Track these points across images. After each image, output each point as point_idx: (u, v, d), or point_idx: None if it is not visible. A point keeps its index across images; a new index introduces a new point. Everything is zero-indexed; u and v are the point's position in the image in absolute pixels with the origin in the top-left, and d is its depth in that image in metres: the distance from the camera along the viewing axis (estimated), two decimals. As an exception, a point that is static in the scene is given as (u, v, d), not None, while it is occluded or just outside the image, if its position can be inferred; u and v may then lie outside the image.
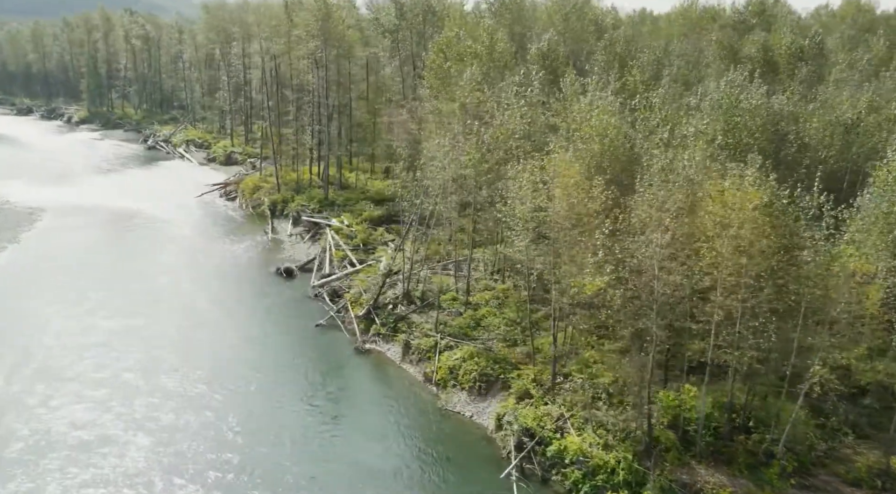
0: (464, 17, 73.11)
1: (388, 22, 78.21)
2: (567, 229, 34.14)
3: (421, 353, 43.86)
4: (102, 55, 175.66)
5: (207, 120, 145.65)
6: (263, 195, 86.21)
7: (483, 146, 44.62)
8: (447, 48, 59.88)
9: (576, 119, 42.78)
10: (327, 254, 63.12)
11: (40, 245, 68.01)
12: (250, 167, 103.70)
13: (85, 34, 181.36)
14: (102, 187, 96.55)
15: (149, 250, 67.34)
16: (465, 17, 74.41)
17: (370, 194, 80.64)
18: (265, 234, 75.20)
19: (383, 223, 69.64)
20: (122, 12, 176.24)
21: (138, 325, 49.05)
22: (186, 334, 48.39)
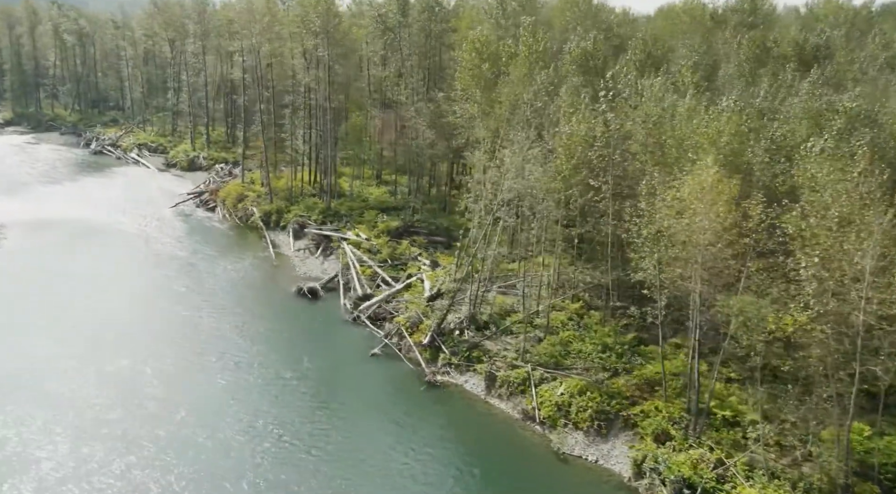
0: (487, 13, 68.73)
1: (390, 19, 73.08)
2: (714, 252, 30.74)
3: (511, 386, 39.68)
4: (28, 51, 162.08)
5: (157, 121, 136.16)
6: (251, 205, 79.79)
7: (572, 158, 40.70)
8: (483, 47, 55.56)
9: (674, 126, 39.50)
10: (353, 272, 57.92)
11: (18, 269, 59.98)
12: (226, 174, 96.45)
13: (5, 28, 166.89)
14: (60, 198, 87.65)
15: (146, 272, 60.43)
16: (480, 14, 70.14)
17: (371, 203, 75.59)
18: (266, 249, 69.06)
19: (402, 235, 64.78)
20: (48, 5, 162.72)
21: (174, 370, 42.85)
22: (233, 377, 42.42)
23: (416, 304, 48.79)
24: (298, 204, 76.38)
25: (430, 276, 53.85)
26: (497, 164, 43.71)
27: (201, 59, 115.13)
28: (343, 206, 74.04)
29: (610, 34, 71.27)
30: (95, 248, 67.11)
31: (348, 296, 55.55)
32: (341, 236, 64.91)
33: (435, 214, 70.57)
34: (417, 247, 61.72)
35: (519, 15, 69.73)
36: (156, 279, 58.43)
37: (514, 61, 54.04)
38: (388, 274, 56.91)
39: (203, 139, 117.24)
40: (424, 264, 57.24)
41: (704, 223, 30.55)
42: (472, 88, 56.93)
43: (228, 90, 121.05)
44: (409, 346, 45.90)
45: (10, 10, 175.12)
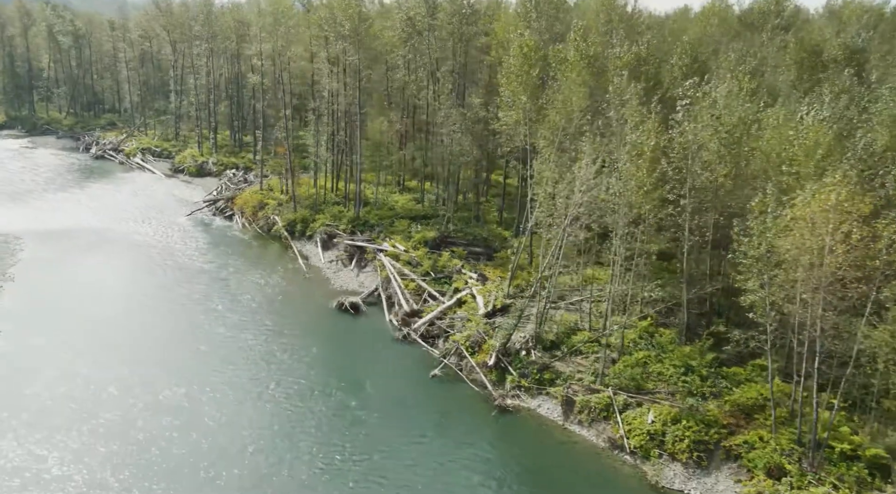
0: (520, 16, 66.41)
1: (419, 21, 70.69)
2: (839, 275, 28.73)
3: (593, 412, 37.52)
4: (21, 53, 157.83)
5: (158, 125, 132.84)
6: (273, 214, 77.12)
7: (653, 171, 38.58)
8: (532, 52, 53.35)
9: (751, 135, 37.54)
10: (395, 285, 55.53)
11: (41, 284, 57.02)
12: (241, 180, 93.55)
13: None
14: (70, 205, 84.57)
15: (178, 288, 57.54)
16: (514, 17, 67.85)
17: (398, 211, 73.22)
18: (294, 260, 66.47)
19: (440, 246, 62.41)
20: (42, 5, 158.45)
21: (233, 399, 40.27)
22: (297, 406, 39.68)
23: (475, 321, 46.45)
24: (323, 213, 73.86)
25: (482, 291, 51.59)
26: (568, 176, 41.45)
27: (207, 61, 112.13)
28: (371, 214, 71.59)
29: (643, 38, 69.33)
30: (117, 260, 64.28)
31: (393, 311, 53.22)
32: (377, 247, 62.42)
33: (468, 223, 68.32)
34: (458, 259, 59.33)
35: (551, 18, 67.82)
36: (190, 296, 55.66)
37: (565, 66, 51.89)
38: (433, 288, 54.54)
39: (209, 144, 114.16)
40: (471, 278, 54.93)
41: (829, 243, 28.55)
42: (518, 94, 54.69)
43: (234, 93, 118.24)
44: (472, 367, 43.61)
45: (1, 9, 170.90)
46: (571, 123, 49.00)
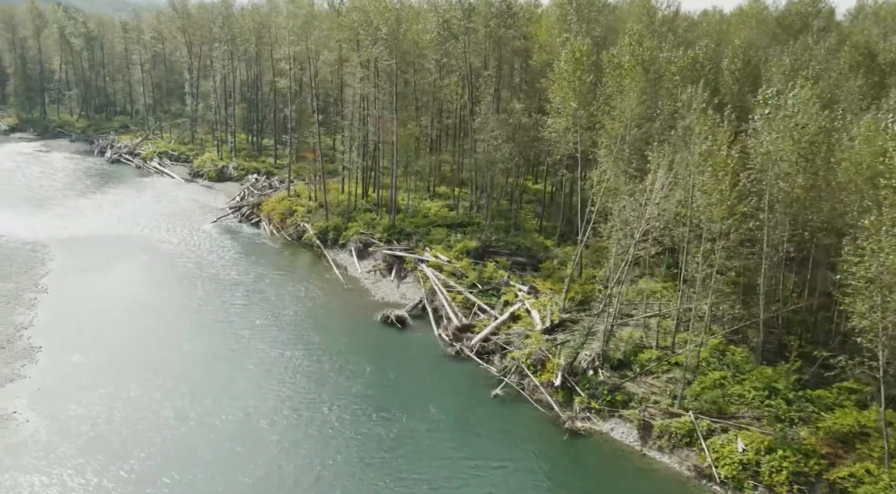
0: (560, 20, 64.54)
1: (455, 24, 68.73)
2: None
3: (674, 438, 35.56)
4: (33, 55, 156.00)
5: (173, 128, 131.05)
6: (303, 221, 75.21)
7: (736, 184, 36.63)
8: (584, 57, 51.43)
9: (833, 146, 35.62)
10: (441, 298, 53.59)
11: (74, 296, 55.13)
12: (265, 185, 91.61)
13: (9, 31, 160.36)
14: (93, 212, 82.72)
15: (215, 302, 55.56)
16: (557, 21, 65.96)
17: (433, 219, 71.29)
18: (329, 270, 64.54)
19: (482, 256, 60.48)
20: (53, 7, 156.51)
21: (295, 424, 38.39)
22: (363, 432, 37.33)
23: (535, 337, 44.48)
24: (355, 220, 71.94)
25: (535, 304, 49.66)
26: (640, 187, 39.52)
27: (226, 64, 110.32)
28: (406, 222, 69.68)
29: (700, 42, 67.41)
30: (148, 270, 62.37)
31: (442, 326, 51.31)
32: (418, 257, 60.48)
33: (507, 231, 66.35)
34: (502, 270, 57.39)
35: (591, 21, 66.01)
36: (230, 310, 53.68)
37: (620, 72, 50.00)
38: (481, 301, 52.59)
39: (228, 148, 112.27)
40: (521, 290, 53.00)
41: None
42: (569, 100, 52.81)
43: (253, 97, 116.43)
44: (535, 386, 41.66)
45: (13, 11, 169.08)
46: (629, 131, 47.13)
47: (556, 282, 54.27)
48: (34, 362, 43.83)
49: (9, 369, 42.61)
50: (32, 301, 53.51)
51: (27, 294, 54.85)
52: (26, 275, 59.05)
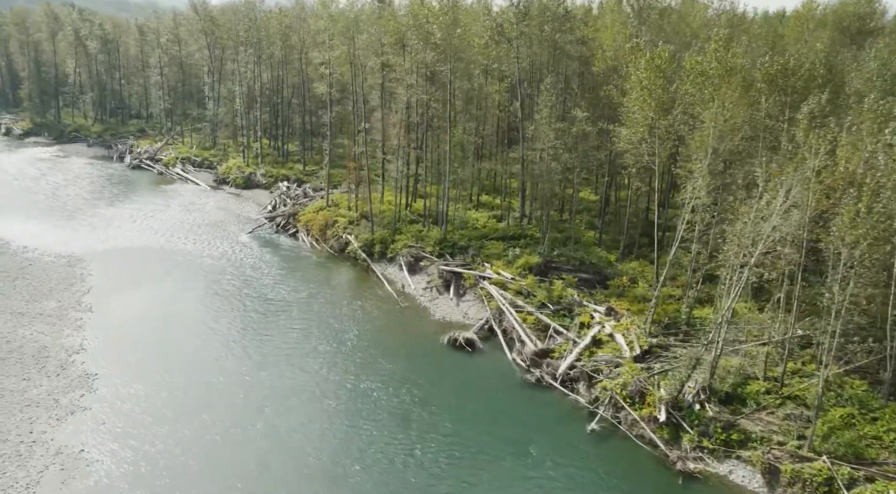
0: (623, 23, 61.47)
1: (508, 29, 65.62)
2: None
3: (809, 486, 32.43)
4: (47, 58, 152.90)
5: (193, 133, 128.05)
6: (344, 232, 72.14)
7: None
8: (666, 64, 48.39)
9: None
10: (512, 320, 50.55)
11: (120, 316, 52.04)
12: (300, 194, 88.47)
13: (23, 33, 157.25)
14: (124, 222, 79.66)
15: (270, 324, 52.40)
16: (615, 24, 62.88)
17: (484, 231, 68.31)
18: (380, 286, 61.52)
19: (545, 272, 57.45)
20: (68, 9, 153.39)
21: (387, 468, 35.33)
22: (466, 477, 34.52)
23: (629, 367, 41.38)
24: (402, 232, 68.93)
25: (618, 328, 46.58)
26: (755, 206, 36.46)
27: (253, 68, 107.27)
28: (455, 234, 66.66)
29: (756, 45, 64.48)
30: (192, 288, 59.24)
31: (516, 350, 48.27)
32: (479, 274, 57.40)
33: (564, 244, 63.29)
34: (570, 288, 54.33)
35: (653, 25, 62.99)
36: (287, 335, 50.48)
37: (704, 80, 46.95)
38: (555, 322, 49.52)
39: (253, 153, 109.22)
40: (597, 311, 49.93)
41: None
42: (646, 109, 49.77)
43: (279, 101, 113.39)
44: (634, 420, 38.59)
45: (26, 13, 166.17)
46: (722, 143, 44.12)
47: (631, 302, 51.23)
48: (92, 391, 40.83)
49: (68, 399, 39.60)
50: (79, 322, 50.46)
51: (72, 314, 51.81)
52: (67, 292, 56.01)
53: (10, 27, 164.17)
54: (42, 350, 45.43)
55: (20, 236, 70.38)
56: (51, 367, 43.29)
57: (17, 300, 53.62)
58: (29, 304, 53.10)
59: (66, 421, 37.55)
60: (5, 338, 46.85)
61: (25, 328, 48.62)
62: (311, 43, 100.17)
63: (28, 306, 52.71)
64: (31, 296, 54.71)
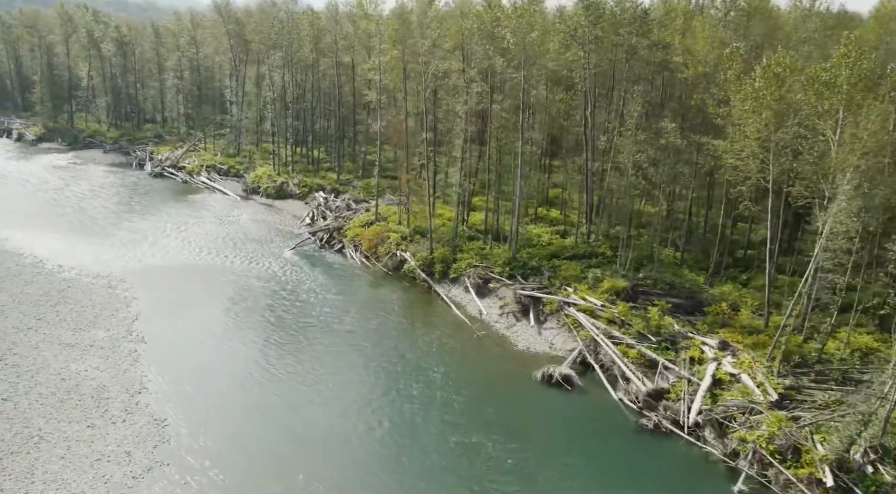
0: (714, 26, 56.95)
1: (581, 33, 61.11)
2: None
3: None
4: (61, 61, 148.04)
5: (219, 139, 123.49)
6: (398, 249, 67.55)
7: None
8: (788, 73, 43.90)
9: None
10: (611, 353, 46.01)
11: (176, 349, 47.39)
12: (343, 206, 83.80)
13: (34, 36, 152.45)
14: (158, 237, 75.00)
15: (343, 361, 47.61)
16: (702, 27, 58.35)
17: (551, 249, 63.86)
18: (448, 309, 56.97)
19: (634, 297, 52.99)
20: (82, 11, 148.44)
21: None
22: None
23: (775, 417, 36.75)
24: (464, 250, 64.38)
25: (740, 366, 42.03)
26: None
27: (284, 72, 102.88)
28: (523, 253, 62.17)
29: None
30: (247, 315, 54.57)
31: (620, 388, 43.69)
32: (563, 299, 52.84)
33: (641, 264, 58.86)
34: (668, 315, 49.81)
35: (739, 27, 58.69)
36: (364, 372, 45.61)
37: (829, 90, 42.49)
38: (661, 356, 44.96)
39: (282, 161, 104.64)
40: (708, 344, 45.39)
41: None
42: (759, 122, 45.31)
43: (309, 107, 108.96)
44: (787, 481, 34.01)
45: (38, 15, 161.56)
46: (865, 161, 39.67)
47: (739, 333, 46.73)
48: (165, 441, 36.23)
49: (141, 452, 34.97)
50: (133, 355, 45.78)
51: (124, 345, 47.13)
52: (114, 319, 51.33)
53: (20, 29, 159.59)
54: (101, 390, 40.75)
55: (53, 253, 65.68)
56: (114, 411, 38.63)
57: (63, 329, 48.93)
58: (76, 333, 48.39)
59: (143, 481, 32.93)
60: (60, 375, 42.17)
61: (78, 363, 43.92)
62: (346, 46, 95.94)
63: (76, 335, 48.01)
64: (76, 324, 50.00)
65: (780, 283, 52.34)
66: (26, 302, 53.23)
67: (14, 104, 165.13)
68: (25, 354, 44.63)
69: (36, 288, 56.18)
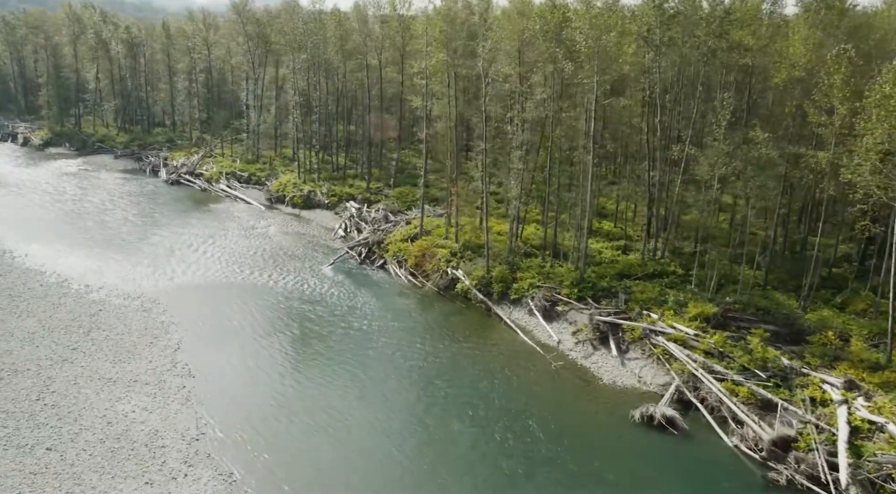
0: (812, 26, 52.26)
1: (655, 36, 56.44)
2: None
3: None
4: (69, 63, 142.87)
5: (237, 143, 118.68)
6: (448, 266, 62.76)
7: None
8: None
9: None
10: (717, 392, 41.25)
11: (228, 384, 42.61)
12: (381, 218, 78.86)
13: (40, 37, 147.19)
14: (182, 250, 70.23)
15: (414, 392, 43.16)
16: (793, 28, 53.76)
17: (617, 267, 59.21)
18: (515, 335, 52.22)
19: (724, 325, 48.30)
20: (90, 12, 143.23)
21: None
22: None
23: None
24: (521, 268, 59.69)
25: (879, 410, 37.28)
26: None
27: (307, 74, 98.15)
28: (589, 272, 57.45)
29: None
30: (302, 346, 49.72)
31: (734, 433, 38.88)
32: (649, 327, 48.08)
33: (721, 286, 54.22)
34: (770, 346, 45.08)
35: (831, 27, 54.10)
36: (446, 419, 40.59)
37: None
38: (775, 395, 40.22)
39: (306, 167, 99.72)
40: (829, 383, 40.65)
41: None
42: (881, 133, 40.71)
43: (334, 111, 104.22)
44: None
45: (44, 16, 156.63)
46: None
47: (860, 369, 42.05)
48: (237, 503, 31.28)
49: (212, 519, 30.06)
50: (182, 392, 40.89)
51: (171, 380, 42.23)
52: (155, 349, 46.41)
53: (24, 30, 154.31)
54: (154, 437, 35.85)
55: (77, 270, 60.80)
56: (173, 463, 33.72)
57: (101, 361, 43.98)
58: (116, 366, 43.46)
59: (223, 556, 28.00)
60: (105, 418, 37.26)
61: (124, 403, 39.00)
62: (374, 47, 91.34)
63: (116, 368, 43.08)
64: (115, 354, 45.06)
65: (883, 307, 47.71)
66: (57, 329, 48.27)
67: (18, 107, 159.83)
68: (65, 392, 39.70)
69: (65, 312, 51.21)
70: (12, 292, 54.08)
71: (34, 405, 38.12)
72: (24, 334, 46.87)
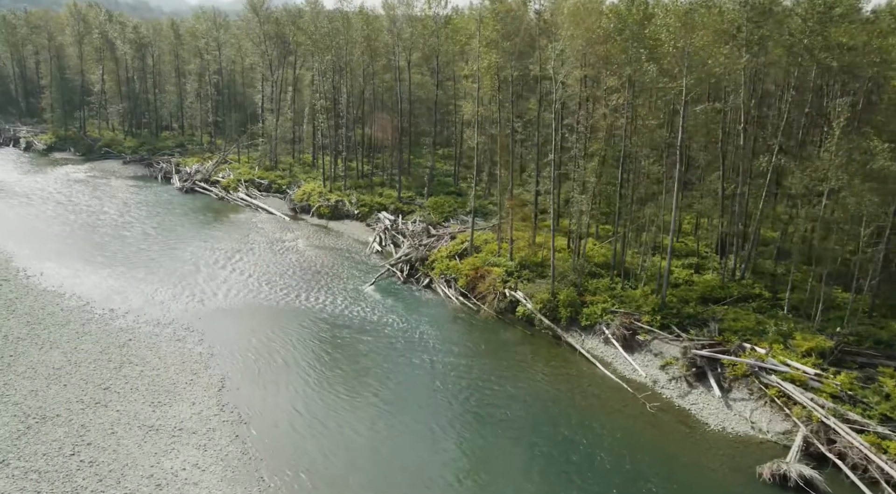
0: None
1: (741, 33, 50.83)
2: None
3: None
4: (73, 64, 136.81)
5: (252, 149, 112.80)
6: (504, 286, 57.13)
7: None
8: None
9: None
10: (855, 443, 35.59)
11: (290, 433, 36.81)
12: (422, 231, 73.00)
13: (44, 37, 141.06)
14: (210, 268, 64.54)
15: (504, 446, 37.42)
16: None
17: (697, 289, 53.61)
18: (592, 366, 46.55)
19: (839, 361, 42.69)
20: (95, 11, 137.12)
21: None
22: None
23: None
24: (589, 290, 54.12)
25: None
26: None
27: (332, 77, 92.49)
28: (672, 297, 51.79)
29: None
30: (354, 383, 43.89)
31: (888, 496, 33.25)
32: (757, 363, 42.36)
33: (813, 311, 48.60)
34: None
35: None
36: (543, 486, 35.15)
37: None
38: (928, 451, 34.61)
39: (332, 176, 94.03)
40: None
41: None
42: None
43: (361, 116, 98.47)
44: None
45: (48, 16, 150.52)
46: None
47: None
48: None
49: None
50: (236, 443, 35.24)
51: (220, 428, 36.47)
52: (197, 387, 40.60)
53: (26, 30, 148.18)
54: (213, 507, 29.98)
55: (100, 293, 54.99)
56: (240, 544, 27.82)
57: (138, 403, 38.14)
58: (156, 410, 37.63)
59: None
60: (153, 478, 31.45)
61: (171, 458, 33.17)
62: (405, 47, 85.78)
63: (157, 413, 37.25)
64: (153, 395, 39.22)
65: None
66: (84, 363, 42.42)
67: (19, 110, 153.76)
68: (102, 444, 33.89)
69: (91, 343, 45.34)
70: (31, 319, 48.17)
71: (69, 463, 32.29)
72: (50, 370, 40.99)
